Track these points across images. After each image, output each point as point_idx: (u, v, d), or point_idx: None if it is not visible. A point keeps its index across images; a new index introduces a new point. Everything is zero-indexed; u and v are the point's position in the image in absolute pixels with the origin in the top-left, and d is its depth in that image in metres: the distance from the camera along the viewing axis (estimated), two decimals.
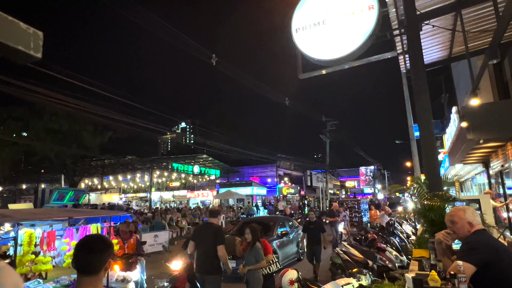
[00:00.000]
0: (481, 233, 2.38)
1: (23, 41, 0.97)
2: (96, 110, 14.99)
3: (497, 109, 6.48)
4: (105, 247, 1.56)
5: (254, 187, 32.27)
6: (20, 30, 0.97)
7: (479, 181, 12.35)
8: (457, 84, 13.18)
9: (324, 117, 30.15)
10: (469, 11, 5.84)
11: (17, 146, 26.54)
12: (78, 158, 30.16)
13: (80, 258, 1.52)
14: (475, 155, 8.77)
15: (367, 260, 5.81)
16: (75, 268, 1.51)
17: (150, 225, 15.37)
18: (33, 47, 0.99)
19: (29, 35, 0.99)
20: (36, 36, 1.00)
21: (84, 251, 1.52)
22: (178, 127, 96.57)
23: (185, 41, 13.88)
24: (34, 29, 1.00)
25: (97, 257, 1.51)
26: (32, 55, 0.99)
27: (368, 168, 57.88)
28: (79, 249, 1.54)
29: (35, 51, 1.00)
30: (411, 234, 10.18)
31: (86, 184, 35.59)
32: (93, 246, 1.53)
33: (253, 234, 5.31)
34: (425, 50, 7.17)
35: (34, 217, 4.69)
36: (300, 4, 6.02)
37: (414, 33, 5.08)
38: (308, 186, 46.06)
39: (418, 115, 5.10)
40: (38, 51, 1.00)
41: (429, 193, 4.51)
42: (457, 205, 4.36)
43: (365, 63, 6.34)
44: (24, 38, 0.97)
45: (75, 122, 26.59)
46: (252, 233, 5.33)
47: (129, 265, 5.70)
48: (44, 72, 10.95)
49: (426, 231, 4.40)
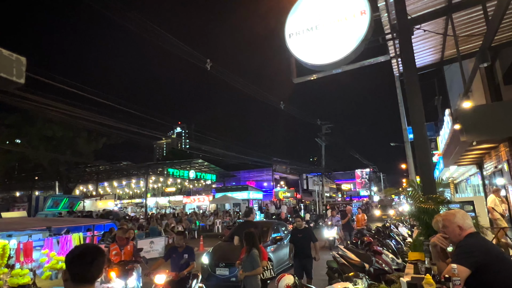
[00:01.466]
0: (475, 236, 2.40)
1: (5, 68, 0.94)
2: (90, 116, 14.91)
3: (489, 111, 6.55)
4: (103, 256, 1.59)
5: (250, 191, 32.19)
6: (2, 57, 0.95)
7: (473, 182, 12.46)
8: (450, 86, 13.32)
9: (319, 121, 30.27)
10: (459, 15, 5.93)
11: (10, 153, 26.27)
12: (72, 164, 29.92)
13: (80, 267, 1.51)
14: (468, 156, 8.85)
15: (364, 263, 5.81)
16: (72, 278, 1.50)
17: (145, 231, 15.25)
18: (15, 73, 0.98)
19: (11, 61, 0.97)
20: (19, 62, 0.98)
21: (84, 260, 1.52)
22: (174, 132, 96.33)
23: (179, 47, 13.90)
24: (17, 56, 0.98)
25: (98, 266, 1.54)
26: (14, 81, 0.97)
27: (363, 171, 58.16)
28: (78, 258, 1.53)
29: (17, 77, 0.98)
30: (407, 236, 10.20)
31: (81, 190, 35.28)
32: (94, 255, 1.54)
33: (250, 240, 5.27)
34: (417, 54, 7.25)
35: (7, 228, 4.47)
36: (293, 9, 6.06)
37: (406, 37, 5.14)
38: (305, 189, 46.08)
39: (412, 117, 5.14)
40: (21, 77, 0.99)
41: (424, 196, 4.54)
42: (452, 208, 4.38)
43: (358, 67, 6.39)
44: (6, 64, 0.95)
45: (69, 128, 26.42)
46: (248, 239, 5.28)
47: (125, 272, 5.64)
48: (37, 78, 10.88)
49: (421, 234, 4.42)
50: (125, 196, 38.61)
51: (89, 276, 1.53)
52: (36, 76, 10.76)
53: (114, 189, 36.64)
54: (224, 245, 8.89)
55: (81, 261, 1.52)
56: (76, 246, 1.65)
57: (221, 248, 8.63)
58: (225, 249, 8.44)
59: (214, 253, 8.28)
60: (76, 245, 1.70)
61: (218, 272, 7.58)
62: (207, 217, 24.46)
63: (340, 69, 6.08)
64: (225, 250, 8.33)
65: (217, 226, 21.26)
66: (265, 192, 36.71)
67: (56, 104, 12.88)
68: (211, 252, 8.38)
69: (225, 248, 8.59)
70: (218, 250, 8.52)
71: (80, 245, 1.66)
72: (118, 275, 5.54)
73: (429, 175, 4.85)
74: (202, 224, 22.38)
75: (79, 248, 1.61)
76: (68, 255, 1.56)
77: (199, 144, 24.70)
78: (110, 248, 5.97)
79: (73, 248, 1.61)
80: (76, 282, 1.50)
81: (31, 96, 11.69)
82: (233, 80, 17.19)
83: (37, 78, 10.93)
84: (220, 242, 9.64)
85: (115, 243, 6.11)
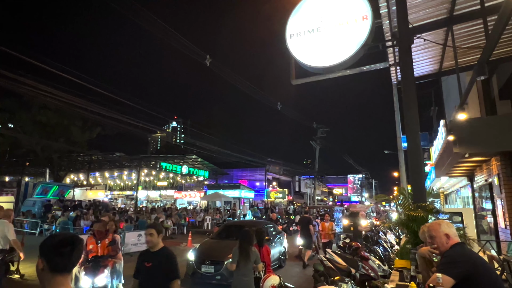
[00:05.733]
0: (461, 247, 2.41)
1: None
2: (86, 105, 14.79)
3: (483, 124, 6.61)
4: (81, 244, 1.57)
5: (242, 190, 32.20)
6: None
7: (463, 194, 12.55)
8: (446, 97, 13.41)
9: (315, 124, 30.35)
10: (460, 27, 5.97)
11: (2, 137, 25.96)
12: (65, 152, 29.61)
13: (60, 257, 1.48)
14: (460, 168, 8.91)
15: (350, 268, 5.82)
16: (50, 267, 1.46)
17: (134, 224, 15.18)
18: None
19: None
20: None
21: (64, 249, 1.48)
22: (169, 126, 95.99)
23: (179, 40, 13.83)
24: None
25: (77, 255, 1.52)
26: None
27: (356, 176, 58.39)
28: (58, 247, 1.49)
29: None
30: (394, 244, 10.25)
31: (72, 179, 34.95)
32: (73, 244, 1.51)
33: (246, 239, 5.15)
34: (416, 63, 7.29)
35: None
36: (295, 10, 6.05)
37: (406, 46, 5.16)
38: (296, 191, 46.22)
39: (407, 126, 5.16)
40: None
41: (414, 204, 4.56)
42: (440, 218, 4.41)
43: (357, 73, 6.40)
44: None
45: (64, 116, 26.16)
46: (244, 237, 5.17)
47: (96, 269, 5.16)
48: (34, 64, 10.75)
49: (409, 242, 4.44)
50: (116, 187, 38.36)
51: (69, 265, 1.50)
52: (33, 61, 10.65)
53: (105, 180, 36.37)
54: (211, 243, 8.81)
55: (61, 250, 1.48)
56: (53, 234, 1.60)
57: (208, 245, 8.52)
58: (212, 247, 8.34)
59: (200, 250, 8.14)
60: (52, 234, 1.66)
61: (203, 270, 7.43)
62: (197, 213, 24.41)
63: (339, 73, 6.10)
64: (212, 248, 8.23)
65: (207, 223, 21.21)
66: (257, 191, 36.74)
67: (52, 91, 12.76)
68: (198, 248, 8.26)
69: (212, 245, 8.50)
70: (204, 247, 8.39)
71: (57, 234, 1.61)
72: (87, 272, 5.11)
73: (420, 184, 4.88)
74: (192, 220, 22.32)
75: (57, 236, 1.56)
76: (45, 243, 1.51)
77: (194, 139, 24.61)
78: (87, 242, 5.41)
79: (49, 237, 1.56)
80: (54, 271, 1.47)
81: (27, 81, 11.56)
82: (231, 78, 17.16)
83: (34, 63, 10.81)
84: (208, 239, 9.58)
85: (93, 236, 5.57)
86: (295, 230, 19.57)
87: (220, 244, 8.41)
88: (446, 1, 5.44)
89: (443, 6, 5.54)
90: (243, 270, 4.74)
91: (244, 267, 4.75)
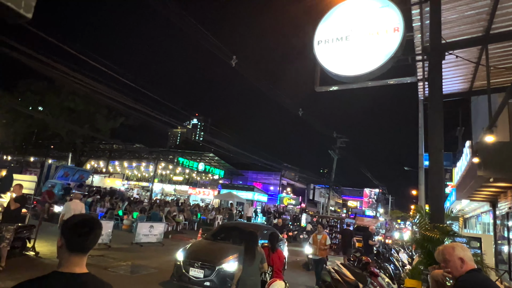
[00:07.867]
0: (476, 273, 2.31)
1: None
2: (113, 95, 15.18)
3: (511, 149, 6.34)
4: (100, 228, 1.62)
5: (256, 193, 32.17)
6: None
7: (484, 220, 12.07)
8: (474, 118, 12.97)
9: (335, 133, 30.00)
10: (495, 47, 5.77)
11: (32, 119, 27.03)
12: (88, 139, 30.54)
13: (78, 237, 1.52)
14: (483, 193, 8.58)
15: (358, 282, 5.70)
16: (67, 246, 1.51)
17: (147, 215, 15.45)
18: (24, 6, 0.96)
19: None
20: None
21: (83, 230, 1.53)
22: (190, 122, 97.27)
23: (208, 39, 14.00)
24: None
25: (94, 237, 1.56)
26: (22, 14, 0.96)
27: (372, 191, 57.20)
28: (77, 227, 1.54)
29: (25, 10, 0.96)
30: (406, 263, 9.98)
31: (92, 165, 36.01)
32: (92, 226, 1.56)
33: (252, 239, 5.15)
34: (446, 80, 7.09)
35: None
36: (325, 17, 6.02)
37: (437, 61, 5.03)
38: (310, 199, 45.76)
39: (431, 144, 5.02)
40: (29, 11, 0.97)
41: (430, 224, 4.43)
42: (457, 241, 4.26)
43: (383, 85, 6.29)
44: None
45: (90, 103, 26.97)
46: (249, 238, 5.18)
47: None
48: (67, 50, 11.16)
49: (422, 262, 4.30)
50: (133, 177, 39.17)
51: (85, 246, 1.54)
52: (68, 48, 11.06)
53: (123, 169, 37.24)
54: (204, 243, 7.95)
55: (80, 230, 1.53)
56: (75, 215, 1.66)
57: (200, 246, 7.66)
58: (204, 248, 7.48)
59: (190, 250, 7.21)
60: (75, 214, 1.71)
61: (191, 273, 6.56)
62: (209, 211, 24.57)
63: (363, 83, 6.01)
64: (204, 249, 7.36)
65: (218, 222, 21.30)
66: (270, 196, 36.62)
67: (82, 78, 13.18)
68: (188, 248, 7.35)
69: (204, 246, 7.64)
70: (196, 247, 7.51)
71: (80, 214, 1.67)
72: None
73: (439, 205, 4.73)
74: (203, 217, 22.49)
75: (78, 217, 1.62)
76: (67, 222, 1.57)
77: (212, 138, 24.81)
78: None
79: (71, 216, 1.62)
80: (71, 250, 1.52)
81: (59, 66, 11.99)
82: (255, 79, 17.21)
83: (68, 50, 11.22)
84: (201, 239, 8.78)
85: None
86: (304, 238, 19.44)
87: (213, 246, 7.58)
88: (483, 19, 5.27)
89: (479, 23, 5.38)
90: (249, 270, 4.72)
91: (250, 267, 4.73)
